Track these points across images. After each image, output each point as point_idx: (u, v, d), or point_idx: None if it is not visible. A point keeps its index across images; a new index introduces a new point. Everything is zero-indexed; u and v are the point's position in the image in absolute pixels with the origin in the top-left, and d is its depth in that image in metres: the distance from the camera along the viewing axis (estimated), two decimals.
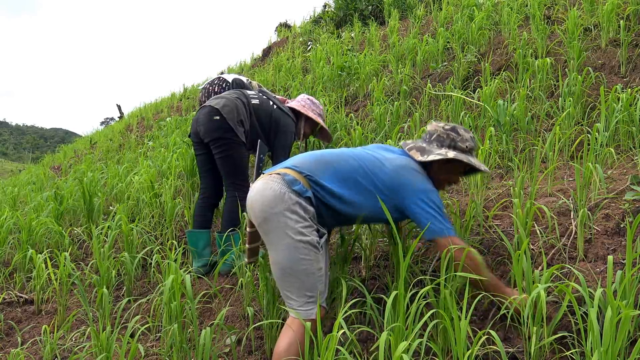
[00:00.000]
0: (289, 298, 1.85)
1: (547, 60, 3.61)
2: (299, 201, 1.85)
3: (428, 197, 1.89)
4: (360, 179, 1.93)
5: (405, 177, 1.93)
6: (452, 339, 1.59)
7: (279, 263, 1.84)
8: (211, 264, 3.04)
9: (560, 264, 1.91)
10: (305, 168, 1.93)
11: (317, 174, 1.92)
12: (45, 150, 33.77)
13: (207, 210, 3.08)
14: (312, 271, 1.82)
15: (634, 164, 2.57)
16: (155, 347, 2.38)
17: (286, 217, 1.82)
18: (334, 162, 1.97)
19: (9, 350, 2.58)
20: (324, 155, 2.02)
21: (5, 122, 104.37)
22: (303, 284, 1.81)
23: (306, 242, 1.82)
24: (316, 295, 1.82)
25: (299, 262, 1.80)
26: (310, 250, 1.83)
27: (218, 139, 2.92)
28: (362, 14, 8.11)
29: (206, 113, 2.97)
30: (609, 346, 1.32)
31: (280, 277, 1.85)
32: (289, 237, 1.81)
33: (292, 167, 1.94)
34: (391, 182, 1.92)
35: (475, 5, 5.53)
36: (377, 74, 5.21)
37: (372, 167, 1.95)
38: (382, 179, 1.93)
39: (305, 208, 1.86)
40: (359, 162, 1.97)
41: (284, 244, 1.82)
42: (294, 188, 1.85)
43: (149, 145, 6.73)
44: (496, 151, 3.05)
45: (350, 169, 1.94)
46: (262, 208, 1.86)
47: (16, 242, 3.86)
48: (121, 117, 13.15)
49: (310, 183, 1.91)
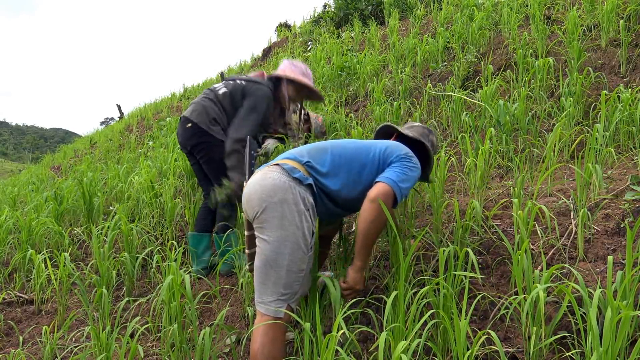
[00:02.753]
0: (262, 291, 1.82)
1: (548, 60, 3.61)
2: (300, 190, 1.85)
3: (407, 163, 1.97)
4: (356, 156, 2.00)
5: (394, 145, 2.06)
6: (451, 339, 1.59)
7: (264, 254, 1.81)
8: (211, 265, 3.05)
9: (560, 264, 1.91)
10: (303, 156, 1.97)
11: (315, 160, 1.96)
12: (45, 150, 33.76)
13: (209, 213, 3.09)
14: (294, 270, 1.80)
15: (634, 164, 2.57)
16: (155, 347, 2.38)
17: (285, 206, 1.81)
18: (329, 147, 2.02)
19: (9, 350, 2.59)
20: (319, 143, 2.08)
21: (5, 122, 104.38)
22: (281, 280, 1.79)
23: (297, 239, 1.80)
24: (289, 294, 1.80)
25: (283, 257, 1.78)
26: (299, 249, 1.80)
27: (196, 145, 2.94)
28: (362, 14, 8.11)
29: (181, 124, 3.01)
30: (608, 346, 1.32)
31: (261, 268, 1.82)
32: (283, 229, 1.79)
33: (290, 157, 1.97)
34: (384, 152, 2.02)
35: (475, 5, 5.53)
36: (377, 74, 5.21)
37: (368, 145, 2.06)
38: (375, 150, 2.03)
39: (304, 198, 1.85)
40: (354, 143, 2.06)
41: (275, 235, 1.80)
42: (295, 176, 1.86)
43: (149, 145, 6.73)
44: (496, 151, 3.05)
45: (347, 150, 2.01)
46: (261, 197, 1.84)
47: (16, 242, 3.87)
48: (121, 117, 13.16)
49: (309, 171, 1.92)
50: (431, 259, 2.30)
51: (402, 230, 2.36)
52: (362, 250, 1.88)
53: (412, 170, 1.97)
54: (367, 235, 1.85)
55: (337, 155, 1.99)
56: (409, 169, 1.95)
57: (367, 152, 2.01)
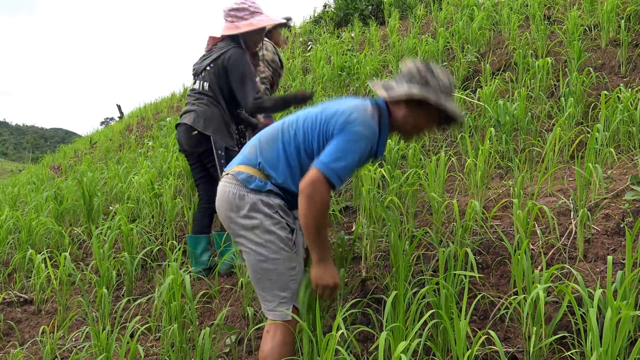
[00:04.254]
0: (263, 299, 1.78)
1: (548, 60, 3.61)
2: (261, 198, 1.75)
3: (347, 135, 1.69)
4: (299, 133, 1.78)
5: (342, 111, 1.74)
6: (451, 339, 1.59)
7: (249, 264, 1.78)
8: (210, 266, 3.05)
9: (560, 264, 1.91)
10: (257, 156, 1.81)
11: (267, 159, 1.78)
12: (45, 150, 33.74)
13: (206, 216, 3.08)
14: (283, 271, 1.74)
15: (634, 164, 2.57)
16: (155, 347, 2.38)
17: (252, 217, 1.74)
18: (280, 131, 1.81)
19: (9, 350, 2.58)
20: (275, 125, 1.86)
21: (5, 122, 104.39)
22: (274, 284, 1.74)
23: (274, 240, 1.74)
24: (289, 295, 1.75)
25: (268, 262, 1.73)
26: (281, 249, 1.74)
27: (205, 152, 2.95)
28: (362, 14, 8.11)
29: (184, 131, 2.96)
30: (608, 346, 1.32)
31: (253, 279, 1.79)
32: (258, 237, 1.74)
33: (244, 161, 1.82)
34: (326, 124, 1.75)
35: (475, 5, 5.53)
36: (377, 74, 5.21)
37: (320, 116, 1.78)
38: (323, 115, 1.77)
39: (268, 203, 1.76)
40: (296, 117, 1.83)
41: (252, 245, 1.75)
42: (251, 187, 1.76)
43: (149, 145, 6.73)
44: (496, 151, 3.05)
45: (288, 135, 1.79)
46: (226, 214, 1.79)
47: (16, 242, 3.87)
48: (121, 117, 13.15)
49: (265, 172, 1.78)
50: (431, 259, 2.30)
51: (398, 230, 2.36)
52: (311, 245, 1.74)
53: (355, 142, 1.69)
54: (308, 230, 1.69)
55: (287, 143, 1.78)
56: (348, 142, 1.68)
57: (313, 129, 1.77)
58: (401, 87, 1.78)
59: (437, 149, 3.56)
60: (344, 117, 1.71)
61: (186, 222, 3.66)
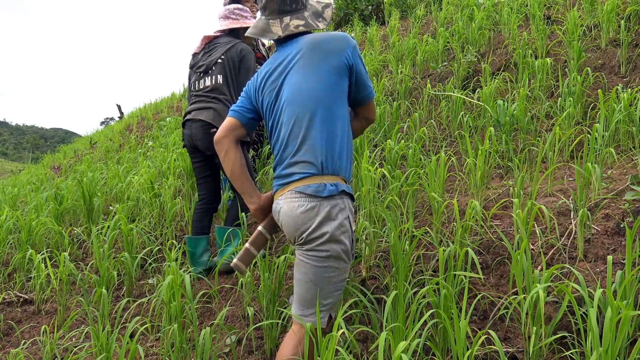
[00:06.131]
0: (303, 304, 1.73)
1: (547, 61, 3.61)
2: (332, 202, 1.70)
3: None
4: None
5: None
6: (451, 338, 1.59)
7: (307, 274, 1.71)
8: (210, 267, 3.04)
9: (560, 264, 1.91)
10: (315, 157, 1.72)
11: (334, 158, 1.75)
12: (45, 150, 33.73)
13: (206, 216, 3.08)
14: (335, 281, 1.72)
15: (634, 164, 2.57)
16: (155, 347, 2.38)
17: (324, 228, 1.68)
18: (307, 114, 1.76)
19: (9, 350, 2.58)
20: (299, 129, 1.76)
21: (5, 122, 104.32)
22: (322, 292, 1.70)
23: (339, 254, 1.70)
24: (330, 304, 1.73)
25: (327, 272, 1.69)
26: (342, 261, 1.72)
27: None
28: (362, 13, 8.10)
29: (200, 127, 2.91)
30: (608, 346, 1.32)
31: (302, 281, 1.72)
32: (326, 251, 1.69)
33: (307, 172, 1.72)
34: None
35: (475, 5, 5.53)
36: (377, 74, 5.21)
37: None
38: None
39: (341, 207, 1.71)
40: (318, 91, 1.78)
41: (319, 259, 1.69)
42: (324, 195, 1.69)
43: (149, 145, 6.73)
44: (496, 151, 3.05)
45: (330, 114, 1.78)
46: (297, 227, 1.70)
47: (16, 242, 3.87)
48: (121, 117, 13.15)
49: (330, 169, 1.74)
50: (431, 259, 2.30)
51: (398, 230, 2.36)
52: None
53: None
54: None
55: (328, 123, 1.78)
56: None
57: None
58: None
59: (437, 149, 3.56)
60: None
61: (186, 222, 3.66)
